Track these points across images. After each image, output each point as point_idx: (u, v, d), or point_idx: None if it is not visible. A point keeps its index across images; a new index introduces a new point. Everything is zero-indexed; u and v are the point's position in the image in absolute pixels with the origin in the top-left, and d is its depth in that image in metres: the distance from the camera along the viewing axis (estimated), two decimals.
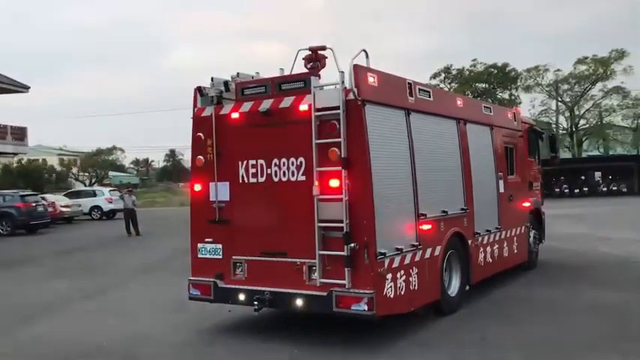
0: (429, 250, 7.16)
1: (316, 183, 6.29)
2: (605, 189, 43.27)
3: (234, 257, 6.99)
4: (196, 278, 7.27)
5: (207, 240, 7.20)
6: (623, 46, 45.50)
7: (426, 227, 7.14)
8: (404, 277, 6.61)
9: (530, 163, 11.42)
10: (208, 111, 7.18)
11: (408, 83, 7.23)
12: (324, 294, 6.21)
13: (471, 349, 6.21)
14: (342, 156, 6.13)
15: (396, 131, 6.83)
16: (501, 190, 9.53)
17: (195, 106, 7.40)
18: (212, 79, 7.36)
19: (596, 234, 16.77)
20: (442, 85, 47.16)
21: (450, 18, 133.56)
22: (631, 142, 49.78)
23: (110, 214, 32.42)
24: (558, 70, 47.50)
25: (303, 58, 7.34)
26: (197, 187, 7.33)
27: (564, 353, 6.02)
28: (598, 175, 45.00)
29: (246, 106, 6.92)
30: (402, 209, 6.78)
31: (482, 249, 8.71)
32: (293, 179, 6.60)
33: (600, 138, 50.53)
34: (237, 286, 6.92)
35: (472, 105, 9.55)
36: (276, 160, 6.72)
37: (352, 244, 6.07)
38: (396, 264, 6.46)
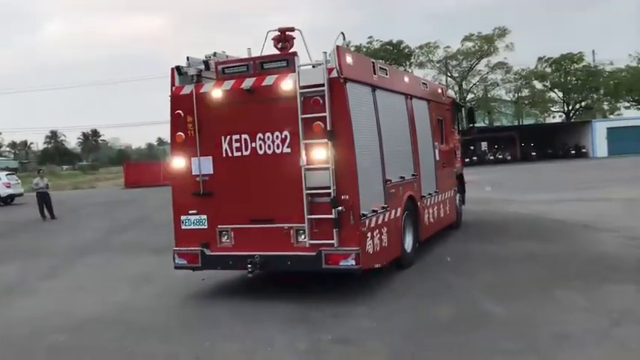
0: (393, 212, 8.07)
1: (303, 154, 6.93)
2: (491, 157, 47.19)
3: (219, 226, 7.48)
4: (182, 248, 7.68)
5: (191, 212, 7.62)
6: (506, 24, 49.36)
7: (391, 191, 8.04)
8: (378, 236, 7.46)
9: (454, 133, 12.72)
10: (188, 89, 7.53)
11: (372, 62, 8.02)
12: (314, 253, 6.91)
13: (444, 295, 7.20)
14: (328, 129, 6.81)
15: (366, 106, 7.60)
16: (437, 157, 10.67)
17: (172, 84, 7.71)
18: (188, 58, 7.72)
19: (498, 197, 18.74)
20: None
21: None
22: (512, 113, 54.38)
23: (8, 200, 30.60)
24: (447, 47, 50.61)
25: (273, 39, 7.93)
26: (178, 163, 7.69)
27: (524, 293, 7.09)
28: (484, 145, 48.92)
29: (228, 84, 7.36)
30: (375, 175, 7.61)
31: (427, 210, 9.80)
32: (278, 152, 7.18)
33: (486, 110, 54.63)
34: (225, 253, 7.44)
35: (415, 81, 10.53)
36: (260, 135, 7.25)
37: (339, 208, 6.81)
38: (372, 224, 7.29)
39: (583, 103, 55.69)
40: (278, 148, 7.19)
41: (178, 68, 7.60)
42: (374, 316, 6.50)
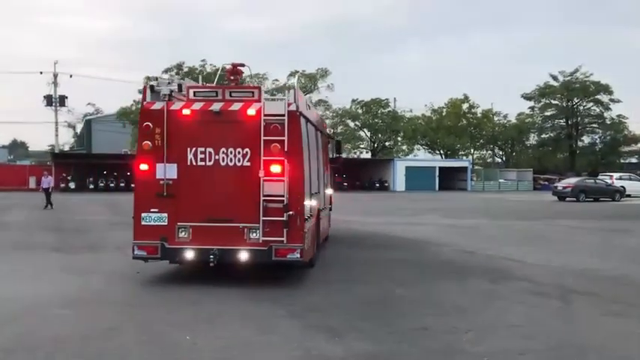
0: (313, 219, 10.11)
1: (262, 168, 8.66)
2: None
3: (179, 223, 8.80)
4: (141, 241, 8.81)
5: (152, 210, 8.81)
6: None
7: (314, 202, 10.09)
8: (309, 237, 9.43)
9: (329, 160, 15.21)
10: (158, 105, 8.82)
11: (309, 99, 10.08)
12: (265, 248, 8.63)
13: (359, 283, 9.38)
14: (285, 150, 8.65)
15: (305, 134, 9.61)
16: (325, 180, 12.99)
17: (144, 99, 8.93)
18: (157, 78, 9.06)
19: (338, 218, 21.64)
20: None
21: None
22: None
23: None
24: (276, 79, 54.09)
25: (226, 71, 9.62)
26: (143, 167, 8.87)
27: (413, 283, 9.52)
28: None
29: (198, 105, 8.82)
30: (308, 188, 9.61)
31: (322, 220, 12.00)
32: (239, 164, 8.80)
33: None
34: (184, 246, 8.77)
35: (317, 115, 12.76)
36: (223, 149, 8.81)
37: (290, 212, 8.66)
38: (307, 227, 9.25)
39: (387, 143, 63.30)
40: (239, 161, 8.80)
41: (152, 87, 8.86)
42: (316, 294, 8.45)
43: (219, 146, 8.81)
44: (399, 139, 62.50)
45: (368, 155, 62.20)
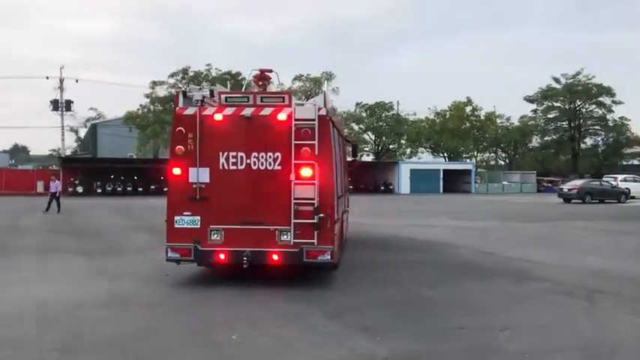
0: (339, 221, 10.31)
1: (293, 172, 8.86)
2: None
3: (211, 226, 8.99)
4: (175, 244, 9.01)
5: (185, 213, 9.01)
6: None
7: (340, 204, 10.30)
8: (337, 239, 9.64)
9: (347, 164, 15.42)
10: (191, 110, 9.03)
11: (334, 105, 10.30)
12: (297, 250, 8.83)
13: (387, 284, 9.59)
14: (316, 153, 8.85)
15: (333, 138, 9.81)
16: (346, 182, 13.21)
17: (176, 105, 9.14)
18: (189, 87, 9.29)
19: (350, 220, 21.88)
20: (180, 85, 49.55)
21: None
22: None
23: None
24: (281, 83, 54.24)
25: (254, 77, 9.85)
26: (176, 171, 9.07)
27: (439, 283, 9.70)
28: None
29: (229, 110, 9.03)
30: (336, 191, 9.81)
31: (344, 222, 12.21)
32: (270, 168, 9.00)
33: None
34: (217, 248, 8.96)
35: (338, 119, 13.00)
36: (255, 153, 9.01)
37: (320, 215, 8.86)
38: (336, 230, 9.46)
39: (391, 146, 63.55)
40: (270, 165, 9.01)
41: (184, 92, 9.08)
42: (347, 296, 8.65)
43: (251, 150, 9.01)
44: (403, 141, 62.74)
45: (371, 158, 62.44)
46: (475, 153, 68.42)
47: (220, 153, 9.04)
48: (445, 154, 65.34)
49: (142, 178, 44.72)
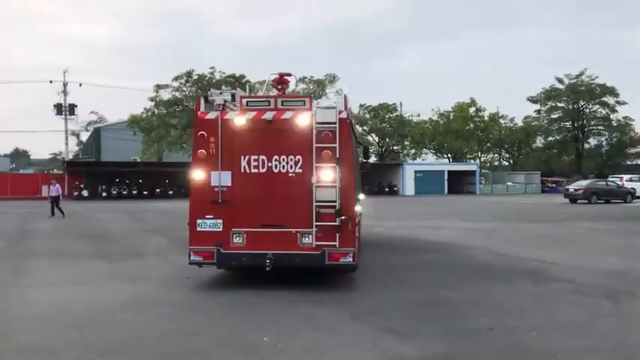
0: (359, 223, 10.35)
1: (314, 175, 8.90)
2: None
3: (233, 229, 9.03)
4: (197, 247, 9.05)
5: (207, 216, 9.05)
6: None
7: (359, 207, 10.33)
8: (357, 241, 9.67)
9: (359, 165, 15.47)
10: (212, 114, 9.08)
11: (350, 107, 10.33)
12: (319, 252, 8.86)
13: (411, 286, 9.63)
14: (337, 156, 8.89)
15: (353, 141, 9.85)
16: (360, 183, 13.24)
17: (198, 109, 9.18)
18: (210, 91, 9.32)
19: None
20: (184, 89, 49.77)
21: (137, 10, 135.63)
22: None
23: None
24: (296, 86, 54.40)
25: (273, 80, 9.90)
26: (199, 175, 9.11)
27: (459, 285, 9.72)
28: None
29: (251, 114, 9.08)
30: (357, 193, 9.85)
31: (360, 224, 12.23)
32: (291, 171, 9.04)
33: None
34: (240, 251, 9.00)
35: (354, 122, 13.03)
36: (276, 157, 9.05)
37: (342, 217, 8.89)
38: (357, 232, 9.49)
39: (395, 148, 63.59)
40: (291, 168, 9.05)
41: (206, 97, 9.12)
42: (370, 297, 8.68)
43: (272, 154, 9.05)
44: (407, 143, 62.78)
45: (375, 160, 62.44)
46: (479, 154, 68.43)
47: (242, 156, 9.08)
48: (449, 155, 65.35)
49: (147, 181, 44.82)
